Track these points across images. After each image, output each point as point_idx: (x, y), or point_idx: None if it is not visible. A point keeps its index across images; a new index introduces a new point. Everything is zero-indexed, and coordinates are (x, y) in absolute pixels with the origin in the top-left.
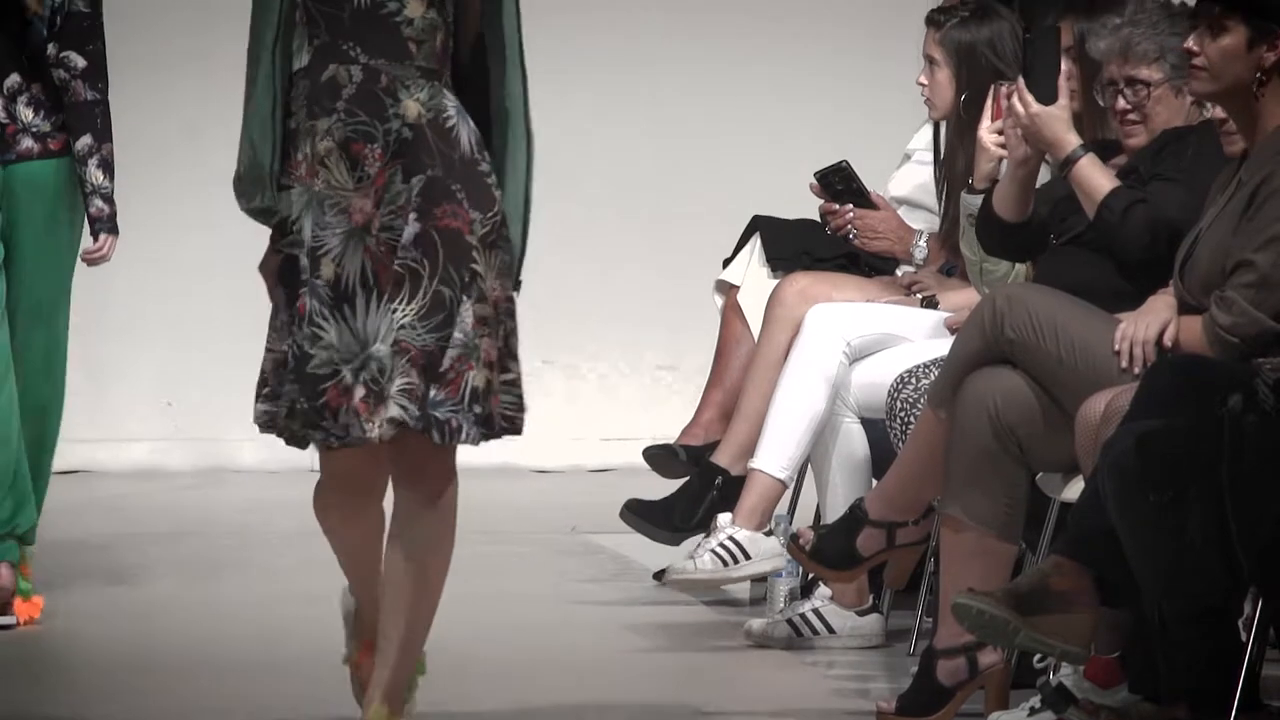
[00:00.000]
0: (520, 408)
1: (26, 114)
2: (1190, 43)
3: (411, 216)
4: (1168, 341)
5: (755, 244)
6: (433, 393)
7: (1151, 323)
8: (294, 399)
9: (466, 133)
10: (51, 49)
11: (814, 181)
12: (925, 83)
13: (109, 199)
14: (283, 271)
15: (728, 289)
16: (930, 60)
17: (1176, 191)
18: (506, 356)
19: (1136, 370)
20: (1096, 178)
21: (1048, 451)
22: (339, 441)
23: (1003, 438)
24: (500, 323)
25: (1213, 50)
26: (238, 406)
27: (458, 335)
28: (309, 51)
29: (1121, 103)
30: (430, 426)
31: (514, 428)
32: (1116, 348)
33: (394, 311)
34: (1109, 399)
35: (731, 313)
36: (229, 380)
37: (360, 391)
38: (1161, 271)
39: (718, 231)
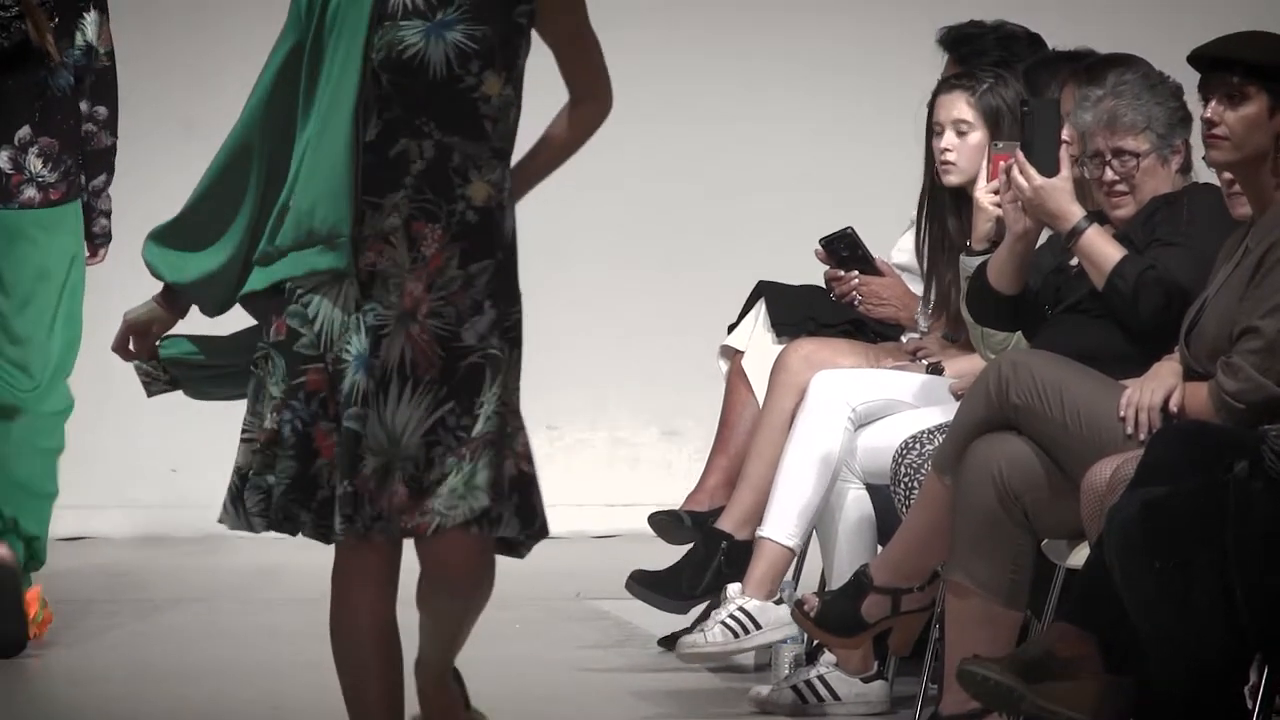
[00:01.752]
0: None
1: (35, 164)
2: (1209, 112)
3: (487, 304)
4: (1173, 408)
5: (760, 309)
6: (479, 478)
7: (1157, 389)
8: (307, 476)
9: (510, 220)
10: (84, 106)
11: (819, 248)
12: (950, 147)
13: (109, 215)
14: (285, 345)
15: (732, 354)
16: (959, 125)
17: (1180, 255)
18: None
19: (1142, 436)
20: (1104, 247)
21: (1053, 517)
22: (366, 530)
23: (1008, 504)
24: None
25: (1233, 119)
26: None
27: (501, 424)
28: (376, 125)
29: (1109, 174)
30: (471, 519)
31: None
32: (1122, 414)
33: (482, 404)
34: (1114, 465)
35: (736, 378)
36: (233, 446)
37: (400, 489)
38: (1169, 336)
39: (722, 297)
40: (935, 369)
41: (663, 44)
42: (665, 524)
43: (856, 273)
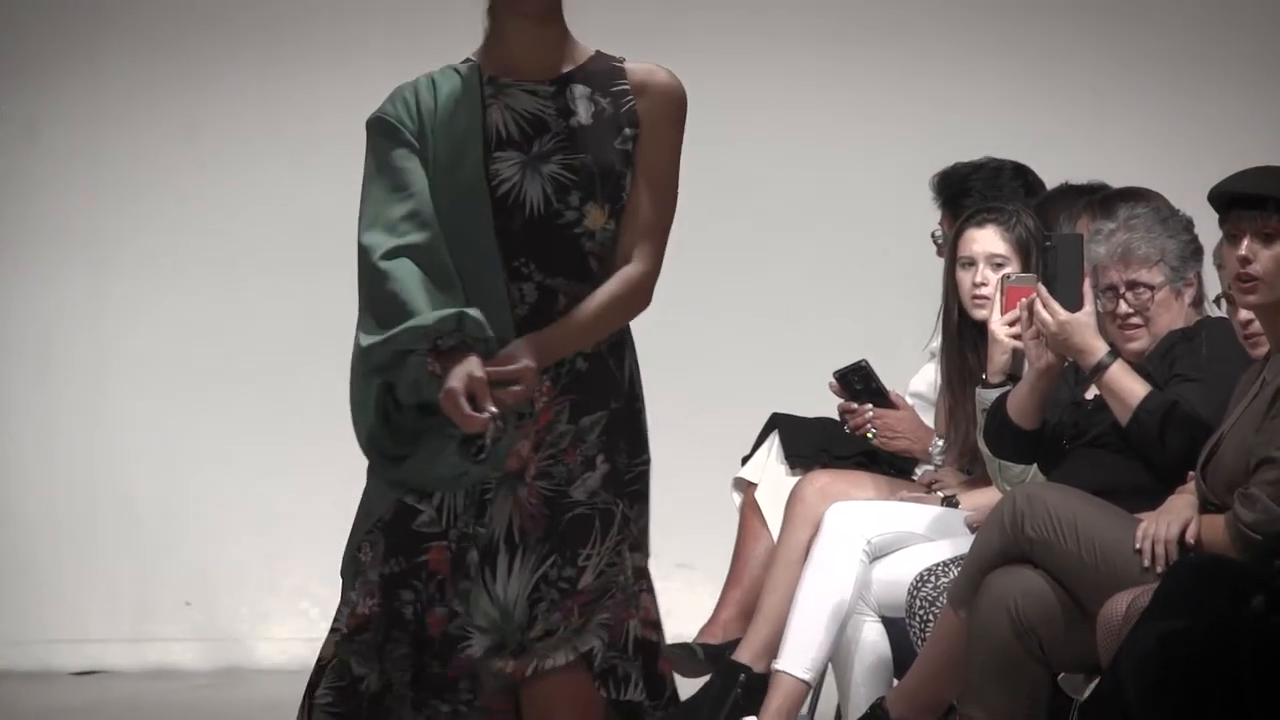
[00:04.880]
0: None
1: None
2: (1243, 250)
3: (599, 459)
4: (1189, 540)
5: (773, 441)
6: (589, 625)
7: (1173, 521)
8: (421, 662)
9: (630, 363)
10: None
11: (833, 380)
12: (985, 281)
13: None
14: (396, 524)
15: (746, 486)
16: (994, 258)
17: (1202, 391)
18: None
19: (1158, 569)
20: (1129, 383)
21: (1069, 651)
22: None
23: (1023, 637)
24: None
25: (1268, 259)
26: (256, 606)
27: (621, 579)
28: None
29: (1124, 307)
30: (594, 673)
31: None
32: (1138, 546)
33: (589, 556)
34: (1131, 598)
35: (750, 510)
36: (248, 579)
37: (511, 663)
38: (1190, 470)
39: (736, 429)
40: (950, 501)
41: None
42: (679, 657)
43: (870, 406)
